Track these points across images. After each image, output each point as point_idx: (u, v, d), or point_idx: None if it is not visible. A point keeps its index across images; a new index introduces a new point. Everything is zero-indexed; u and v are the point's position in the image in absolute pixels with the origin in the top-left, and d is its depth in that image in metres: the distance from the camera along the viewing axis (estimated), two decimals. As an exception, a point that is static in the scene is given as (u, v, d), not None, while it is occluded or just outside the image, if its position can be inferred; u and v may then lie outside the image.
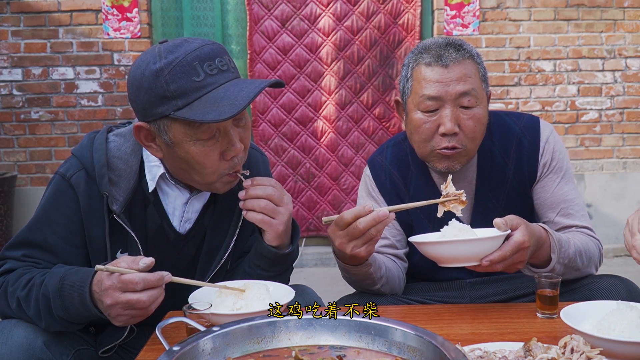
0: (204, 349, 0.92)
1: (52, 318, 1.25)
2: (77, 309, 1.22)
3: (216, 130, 1.30)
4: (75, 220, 1.37)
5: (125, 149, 1.40)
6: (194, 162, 1.32)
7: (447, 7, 4.41)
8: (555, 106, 4.60)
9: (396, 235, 1.67)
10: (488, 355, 1.02)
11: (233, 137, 1.32)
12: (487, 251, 1.29)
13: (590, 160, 4.66)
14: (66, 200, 1.37)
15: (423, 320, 1.33)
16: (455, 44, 1.55)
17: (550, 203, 1.61)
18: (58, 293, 1.22)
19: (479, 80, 1.55)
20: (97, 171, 1.36)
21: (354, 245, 1.33)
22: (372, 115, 4.49)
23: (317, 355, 0.96)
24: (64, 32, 4.35)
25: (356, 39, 4.40)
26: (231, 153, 1.33)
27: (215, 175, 1.35)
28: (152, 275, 1.15)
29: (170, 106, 1.25)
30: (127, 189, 1.38)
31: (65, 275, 1.24)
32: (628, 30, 4.56)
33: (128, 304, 1.15)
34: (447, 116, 1.50)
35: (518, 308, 1.41)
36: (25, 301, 1.27)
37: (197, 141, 1.29)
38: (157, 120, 1.29)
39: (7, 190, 4.15)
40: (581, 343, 1.01)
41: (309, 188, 4.53)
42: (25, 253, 1.36)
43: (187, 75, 1.24)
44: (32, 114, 4.41)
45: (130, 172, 1.39)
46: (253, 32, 4.37)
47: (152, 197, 1.44)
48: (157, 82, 1.24)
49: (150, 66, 1.25)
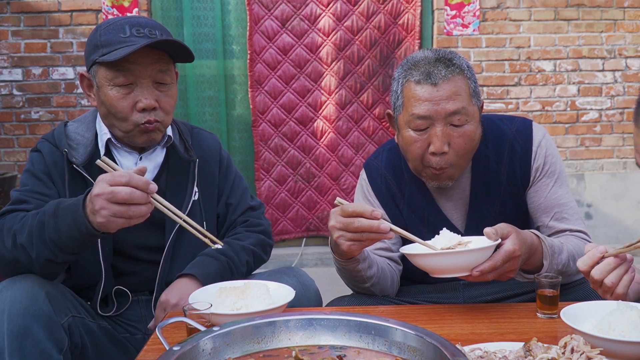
0: (204, 349, 0.92)
1: (42, 243, 1.35)
2: (69, 228, 1.31)
3: (133, 81, 1.53)
4: (46, 179, 1.59)
5: (81, 129, 1.66)
6: (109, 106, 1.54)
7: (447, 7, 4.41)
8: (556, 106, 4.60)
9: (392, 239, 1.66)
10: (488, 355, 1.02)
11: (147, 92, 1.54)
12: (477, 262, 1.30)
13: (590, 160, 4.66)
14: (38, 162, 1.61)
15: (423, 320, 1.33)
16: (444, 59, 1.52)
17: (544, 207, 1.61)
18: (53, 214, 1.35)
19: (469, 96, 1.52)
20: (56, 138, 1.62)
21: (341, 235, 1.34)
22: (372, 115, 4.49)
23: (317, 355, 0.96)
24: (64, 32, 4.35)
25: (356, 39, 4.40)
26: (141, 104, 1.53)
27: (129, 124, 1.55)
28: (139, 176, 1.26)
29: (98, 53, 1.52)
30: (84, 154, 1.60)
31: (62, 200, 1.41)
32: (628, 30, 4.56)
33: (110, 195, 1.23)
34: (437, 135, 1.49)
35: (518, 308, 1.41)
36: (20, 231, 1.39)
37: (114, 86, 1.52)
38: (91, 67, 1.56)
39: (7, 190, 4.14)
40: (581, 343, 1.01)
41: (309, 188, 4.53)
42: (18, 207, 1.51)
43: (116, 31, 1.52)
44: (32, 114, 4.41)
45: (87, 141, 1.63)
46: (253, 32, 4.37)
47: (108, 157, 1.52)
48: (95, 34, 1.55)
49: (97, 26, 1.57)
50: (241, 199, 1.81)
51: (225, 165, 1.81)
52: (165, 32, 1.56)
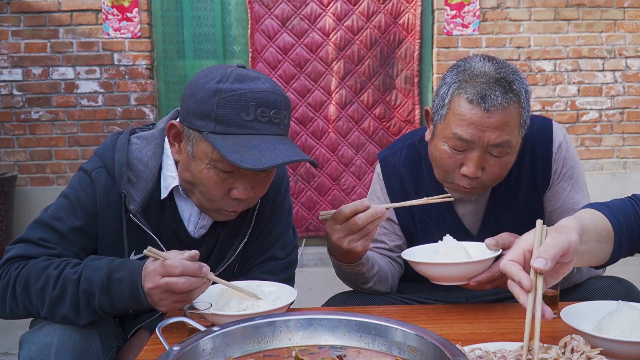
0: (204, 349, 0.92)
1: (91, 312, 1.26)
2: (125, 303, 1.25)
3: (236, 167, 1.30)
4: (93, 214, 1.39)
5: (147, 152, 1.42)
6: (201, 184, 1.34)
7: (447, 7, 4.41)
8: (556, 106, 4.60)
9: (395, 240, 1.66)
10: (488, 355, 1.02)
11: (247, 182, 1.35)
12: (476, 272, 1.34)
13: (590, 160, 4.66)
14: (87, 192, 1.39)
15: (423, 320, 1.33)
16: (505, 82, 1.39)
17: (560, 212, 1.56)
18: (105, 288, 1.23)
19: (518, 127, 1.42)
20: (117, 170, 1.38)
21: (351, 240, 1.34)
22: (373, 115, 4.49)
23: (317, 355, 0.96)
24: (64, 32, 4.35)
25: (356, 38, 4.40)
26: (237, 194, 1.35)
27: (213, 204, 1.37)
28: (191, 262, 1.19)
29: (208, 126, 1.28)
30: (145, 191, 1.40)
31: (111, 269, 1.25)
32: (628, 30, 4.56)
33: (166, 287, 1.17)
34: (473, 160, 1.41)
35: (518, 308, 1.41)
36: (60, 299, 1.26)
37: (214, 168, 1.31)
38: (191, 129, 1.32)
39: (7, 190, 4.15)
40: (581, 343, 1.01)
41: (309, 188, 4.52)
42: (43, 237, 1.35)
43: (239, 109, 1.27)
44: (32, 114, 4.41)
45: (150, 174, 1.41)
46: (254, 31, 4.37)
47: (169, 202, 1.45)
48: (211, 99, 1.27)
49: (214, 83, 1.29)
50: (271, 245, 1.58)
51: (279, 202, 1.59)
52: (288, 108, 1.34)
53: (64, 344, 1.22)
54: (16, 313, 1.33)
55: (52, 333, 1.24)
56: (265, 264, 1.57)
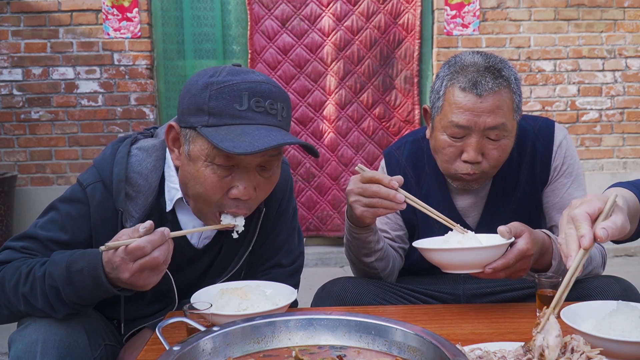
0: (204, 349, 0.92)
1: (63, 305, 1.23)
2: (91, 293, 1.21)
3: (235, 163, 1.27)
4: (84, 229, 1.36)
5: (147, 164, 1.38)
6: (198, 184, 1.29)
7: (447, 7, 4.41)
8: (556, 106, 4.60)
9: (397, 230, 1.70)
10: (488, 355, 1.02)
11: (248, 181, 1.29)
12: (490, 259, 1.31)
13: (590, 160, 4.66)
14: (78, 208, 1.36)
15: (423, 320, 1.33)
16: (494, 69, 1.48)
17: (559, 207, 1.61)
18: (67, 281, 1.20)
19: (511, 111, 1.50)
20: (114, 186, 1.34)
21: (357, 200, 1.39)
22: (372, 115, 4.49)
23: (317, 355, 0.96)
24: (64, 32, 4.35)
25: (356, 39, 4.40)
26: (236, 193, 1.28)
27: (209, 206, 1.31)
28: (153, 235, 1.14)
29: (201, 120, 1.24)
30: (144, 206, 1.37)
31: (70, 262, 1.21)
32: (628, 30, 4.56)
33: (143, 267, 1.14)
34: (472, 145, 1.49)
35: (518, 308, 1.41)
36: (32, 295, 1.24)
37: (210, 165, 1.26)
38: (187, 128, 1.28)
39: (7, 190, 4.15)
40: (581, 343, 1.01)
41: (309, 188, 4.52)
42: (25, 245, 1.33)
43: (231, 99, 1.23)
44: (32, 114, 4.41)
45: (150, 189, 1.37)
46: (254, 31, 4.37)
47: (170, 216, 1.43)
48: (203, 93, 1.24)
49: (207, 78, 1.26)
50: (275, 252, 1.56)
51: (284, 208, 1.56)
52: (285, 101, 1.30)
53: (49, 341, 1.21)
54: (2, 314, 1.32)
55: (38, 330, 1.22)
56: (270, 271, 1.55)
